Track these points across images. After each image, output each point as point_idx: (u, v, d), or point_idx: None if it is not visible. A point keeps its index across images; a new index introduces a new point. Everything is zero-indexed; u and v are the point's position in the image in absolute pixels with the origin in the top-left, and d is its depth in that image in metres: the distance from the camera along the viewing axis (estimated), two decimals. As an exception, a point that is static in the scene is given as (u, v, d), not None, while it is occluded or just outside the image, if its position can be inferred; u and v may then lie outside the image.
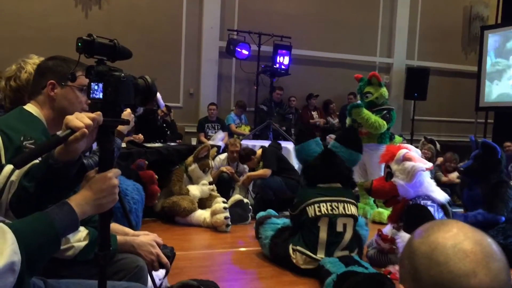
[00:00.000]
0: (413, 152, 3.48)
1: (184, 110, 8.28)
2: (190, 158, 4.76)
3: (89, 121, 1.12)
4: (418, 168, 3.22)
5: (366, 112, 4.91)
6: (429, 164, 3.42)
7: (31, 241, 1.00)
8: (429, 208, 3.17)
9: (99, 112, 1.16)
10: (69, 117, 1.13)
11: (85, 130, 1.10)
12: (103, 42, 1.25)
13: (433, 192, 3.30)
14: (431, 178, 3.50)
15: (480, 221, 3.85)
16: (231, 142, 5.76)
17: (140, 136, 5.14)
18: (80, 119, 1.12)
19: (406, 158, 3.29)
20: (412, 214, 3.19)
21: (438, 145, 7.54)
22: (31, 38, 7.03)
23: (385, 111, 5.04)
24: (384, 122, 4.96)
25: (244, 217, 4.67)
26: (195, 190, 4.68)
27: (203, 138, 7.43)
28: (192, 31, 8.27)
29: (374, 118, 4.92)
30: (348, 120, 5.39)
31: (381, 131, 5.02)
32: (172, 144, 5.39)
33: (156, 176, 4.29)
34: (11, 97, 1.80)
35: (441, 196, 3.29)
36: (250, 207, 4.76)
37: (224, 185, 5.33)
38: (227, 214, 4.35)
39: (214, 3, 8.26)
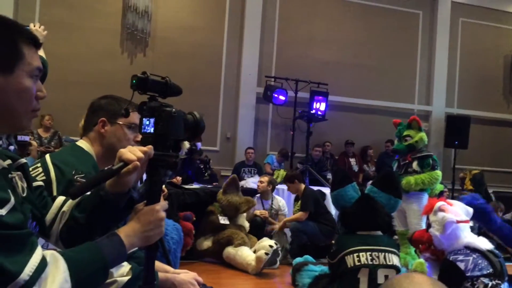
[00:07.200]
0: (456, 206, 3.44)
1: (220, 153, 8.38)
2: (220, 195, 4.89)
3: (141, 154, 1.15)
4: (447, 218, 3.25)
5: (413, 180, 4.86)
6: (463, 217, 3.33)
7: (81, 271, 1.01)
8: (459, 263, 3.12)
9: (150, 146, 1.19)
10: (122, 150, 1.16)
11: (137, 163, 1.13)
12: (156, 79, 1.30)
13: (471, 243, 3.22)
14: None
15: None
16: (264, 179, 5.68)
17: (178, 178, 5.23)
18: (133, 152, 1.15)
19: (440, 210, 3.33)
20: (443, 270, 3.22)
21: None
22: (79, 82, 7.41)
23: (427, 159, 4.97)
24: (436, 171, 4.93)
25: (273, 261, 4.60)
26: (243, 221, 4.91)
27: None
28: (230, 78, 8.51)
29: (423, 176, 4.88)
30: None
31: (440, 179, 4.94)
32: (209, 186, 5.42)
33: (194, 231, 4.42)
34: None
35: (483, 244, 3.20)
36: (279, 251, 4.70)
37: (257, 228, 5.30)
38: (269, 251, 4.36)
39: (252, 51, 8.51)
